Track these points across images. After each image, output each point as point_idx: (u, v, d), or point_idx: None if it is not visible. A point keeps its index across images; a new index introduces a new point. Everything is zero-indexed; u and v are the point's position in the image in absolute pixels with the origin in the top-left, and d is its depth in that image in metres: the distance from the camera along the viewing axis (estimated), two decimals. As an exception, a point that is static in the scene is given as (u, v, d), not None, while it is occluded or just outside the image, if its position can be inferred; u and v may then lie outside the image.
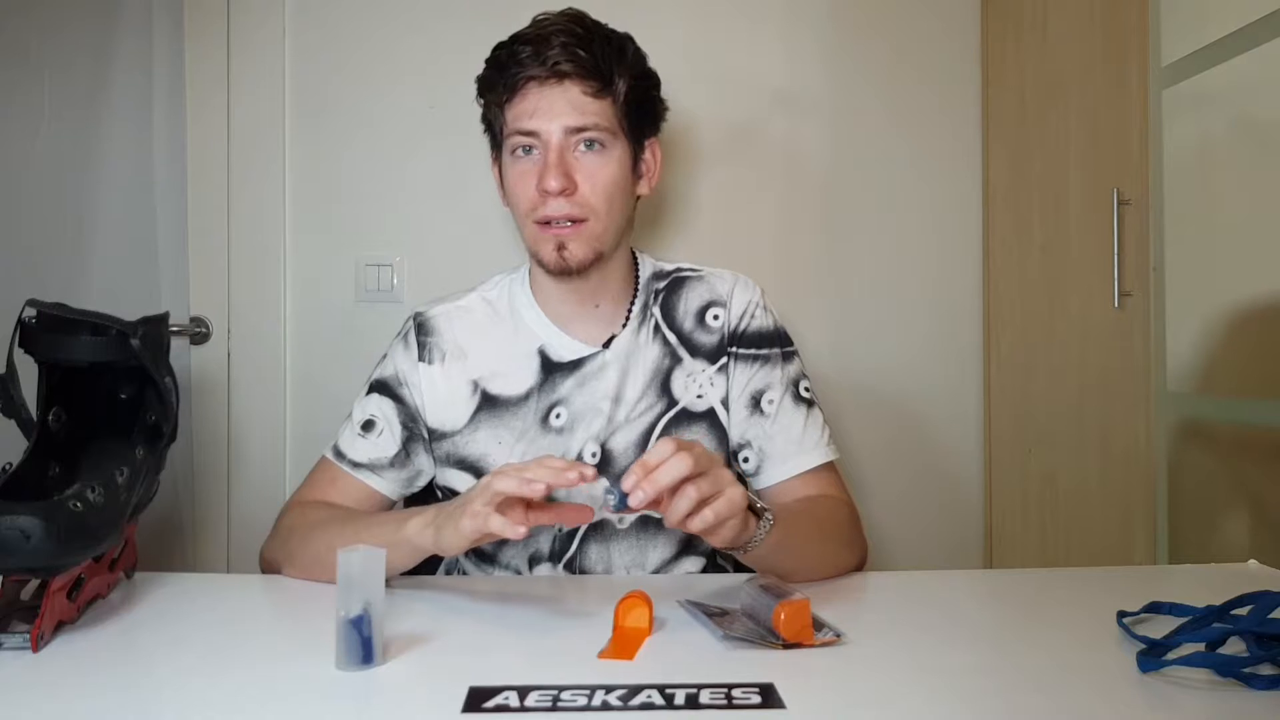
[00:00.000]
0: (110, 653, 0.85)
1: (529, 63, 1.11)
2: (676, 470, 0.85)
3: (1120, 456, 1.55)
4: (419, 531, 0.97)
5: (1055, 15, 1.72)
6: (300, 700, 0.74)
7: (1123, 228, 1.51)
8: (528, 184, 1.14)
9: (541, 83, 1.12)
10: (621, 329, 1.22)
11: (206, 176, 1.87)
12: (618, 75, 1.15)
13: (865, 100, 1.93)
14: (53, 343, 0.92)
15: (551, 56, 1.11)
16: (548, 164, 1.12)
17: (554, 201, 1.12)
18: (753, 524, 0.94)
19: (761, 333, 1.23)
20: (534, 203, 1.13)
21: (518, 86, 1.13)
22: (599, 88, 1.13)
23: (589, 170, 1.13)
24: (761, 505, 0.96)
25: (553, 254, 1.14)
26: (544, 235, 1.14)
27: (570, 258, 1.14)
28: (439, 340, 1.22)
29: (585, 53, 1.12)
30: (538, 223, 1.14)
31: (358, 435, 1.20)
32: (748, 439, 1.20)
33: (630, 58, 1.17)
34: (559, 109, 1.12)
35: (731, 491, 0.89)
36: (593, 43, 1.13)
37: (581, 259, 1.14)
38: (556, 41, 1.11)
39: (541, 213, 1.13)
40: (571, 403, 1.19)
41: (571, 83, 1.12)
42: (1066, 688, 0.76)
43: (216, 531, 1.88)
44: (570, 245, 1.14)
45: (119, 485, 0.91)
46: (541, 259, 1.16)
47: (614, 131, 1.15)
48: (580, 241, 1.14)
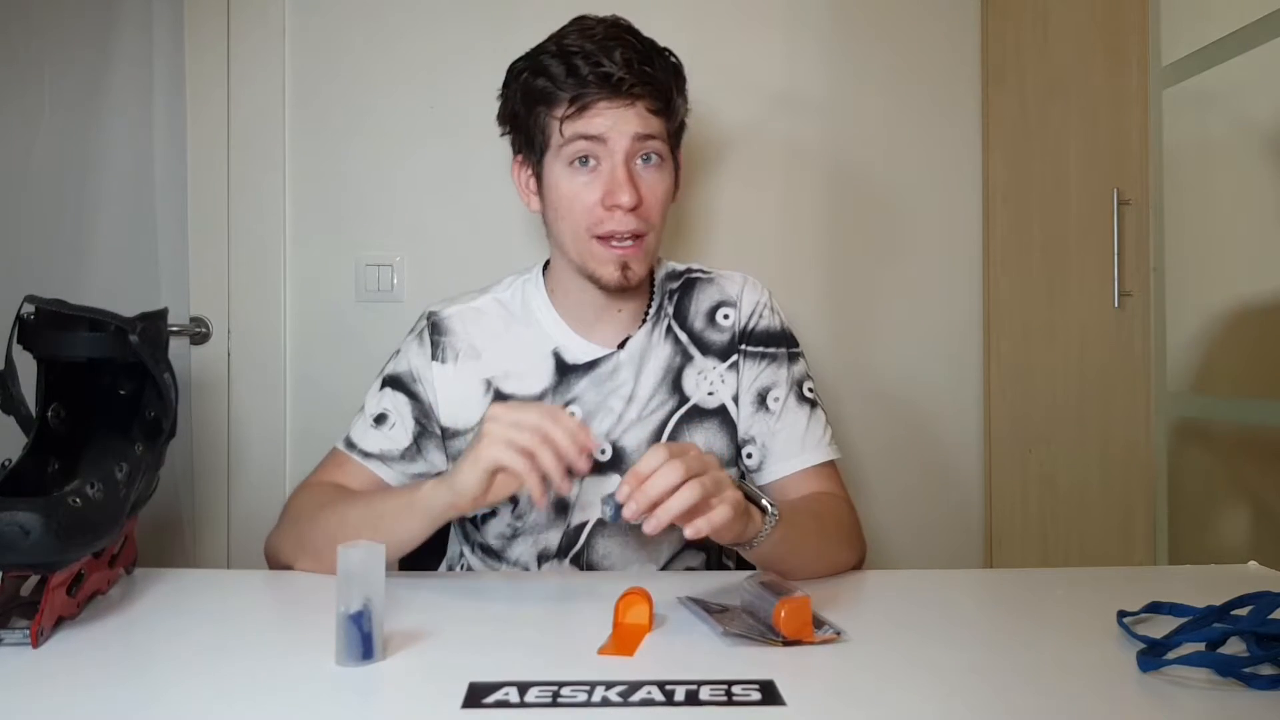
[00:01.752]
0: (110, 648, 0.85)
1: (598, 82, 1.08)
2: (667, 481, 0.85)
3: (1120, 456, 1.55)
4: (433, 490, 0.98)
5: (1055, 15, 1.72)
6: (300, 696, 0.74)
7: (1123, 228, 1.51)
8: (589, 197, 1.11)
9: (612, 100, 1.09)
10: (637, 330, 1.22)
11: (206, 176, 1.87)
12: (677, 95, 1.15)
13: (865, 100, 1.93)
14: (52, 339, 0.92)
15: (625, 78, 1.08)
16: (618, 179, 1.10)
17: (622, 216, 1.10)
18: (758, 519, 0.94)
19: (770, 332, 1.24)
20: (597, 218, 1.11)
21: (589, 105, 1.09)
22: (662, 106, 1.13)
23: (650, 184, 1.13)
24: (766, 501, 0.96)
25: (615, 273, 1.13)
26: (607, 253, 1.12)
27: (633, 276, 1.14)
28: (453, 340, 1.22)
29: (651, 70, 1.11)
30: (598, 238, 1.12)
31: (370, 427, 1.20)
32: (752, 435, 1.21)
33: (683, 79, 1.18)
34: (629, 123, 1.10)
35: (730, 494, 0.89)
36: (654, 59, 1.12)
37: (641, 276, 1.15)
38: (620, 57, 1.09)
39: (606, 228, 1.11)
40: (585, 401, 1.19)
41: (642, 103, 1.11)
42: (1066, 688, 0.76)
43: (216, 528, 1.89)
44: (633, 264, 1.13)
45: (118, 481, 0.91)
46: (599, 276, 1.14)
47: (667, 145, 1.15)
48: (641, 260, 1.14)
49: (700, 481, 0.87)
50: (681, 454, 0.88)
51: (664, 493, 0.85)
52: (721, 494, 0.89)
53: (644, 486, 0.85)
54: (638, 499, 0.85)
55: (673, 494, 0.86)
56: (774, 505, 0.96)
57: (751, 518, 0.93)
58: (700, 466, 0.88)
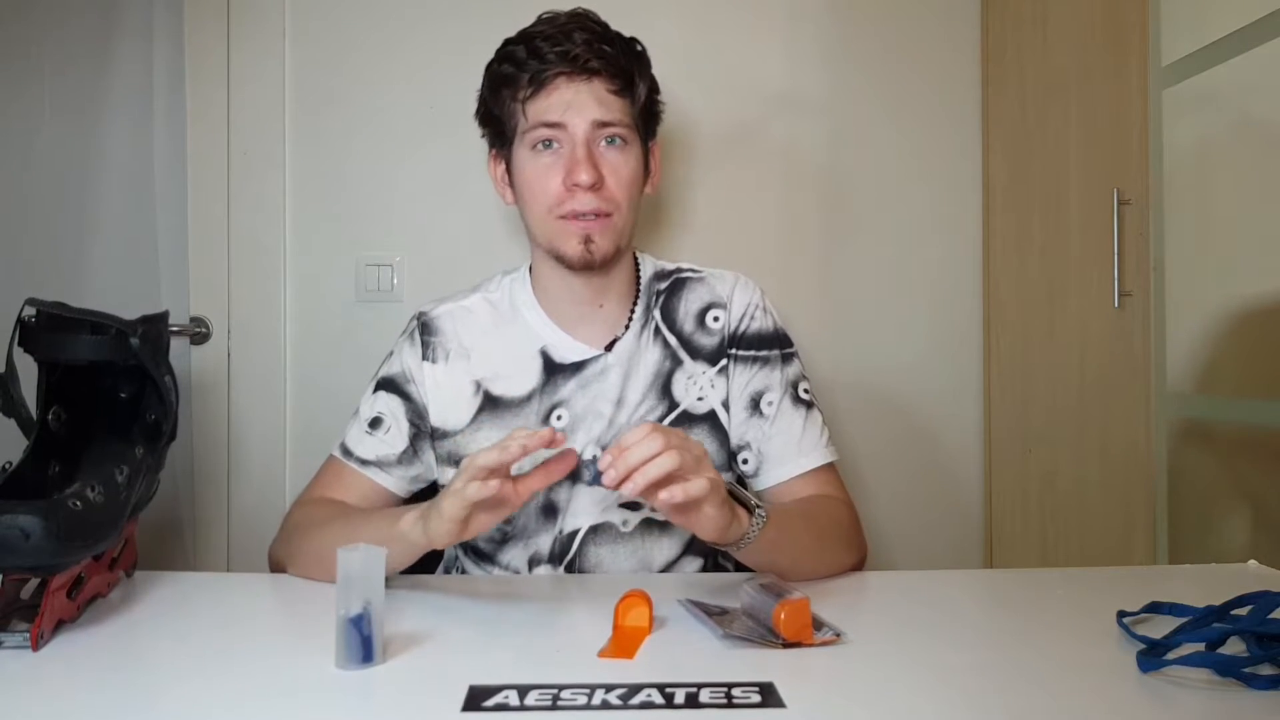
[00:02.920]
0: (110, 652, 0.85)
1: (556, 59, 1.11)
2: (648, 449, 0.86)
3: (1120, 456, 1.55)
4: (411, 526, 0.96)
5: (1055, 15, 1.72)
6: (300, 699, 0.74)
7: (1123, 228, 1.51)
8: (551, 179, 1.13)
9: (570, 78, 1.12)
10: (624, 331, 1.22)
11: (206, 176, 1.87)
12: (638, 78, 1.16)
13: (865, 100, 1.93)
14: (52, 342, 0.92)
15: (580, 53, 1.11)
16: (577, 158, 1.12)
17: (583, 196, 1.12)
18: (745, 520, 0.94)
19: (761, 334, 1.23)
20: (559, 198, 1.13)
21: (545, 82, 1.12)
22: (622, 86, 1.14)
23: (613, 165, 1.14)
24: (755, 503, 0.96)
25: (578, 247, 1.14)
26: (569, 228, 1.14)
27: (596, 250, 1.14)
28: (443, 340, 1.22)
29: (610, 49, 1.13)
30: (562, 217, 1.14)
31: (365, 432, 1.20)
32: (747, 440, 1.20)
33: (646, 63, 1.19)
34: (587, 104, 1.12)
35: (712, 475, 0.89)
36: (613, 41, 1.15)
37: (606, 252, 1.15)
38: (579, 38, 1.12)
39: (568, 207, 1.13)
40: (573, 405, 1.19)
41: (599, 80, 1.13)
42: (1066, 688, 0.76)
43: (217, 530, 1.88)
44: (596, 239, 1.14)
45: (119, 484, 0.91)
46: (564, 253, 1.15)
47: (633, 129, 1.16)
48: (606, 235, 1.14)
49: (679, 452, 0.87)
50: (666, 432, 0.88)
51: (643, 459, 0.86)
52: (700, 471, 0.89)
53: (624, 454, 0.86)
54: (617, 465, 0.86)
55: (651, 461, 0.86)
56: (762, 506, 0.96)
57: (737, 515, 0.93)
58: (681, 444, 0.89)
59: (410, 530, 0.97)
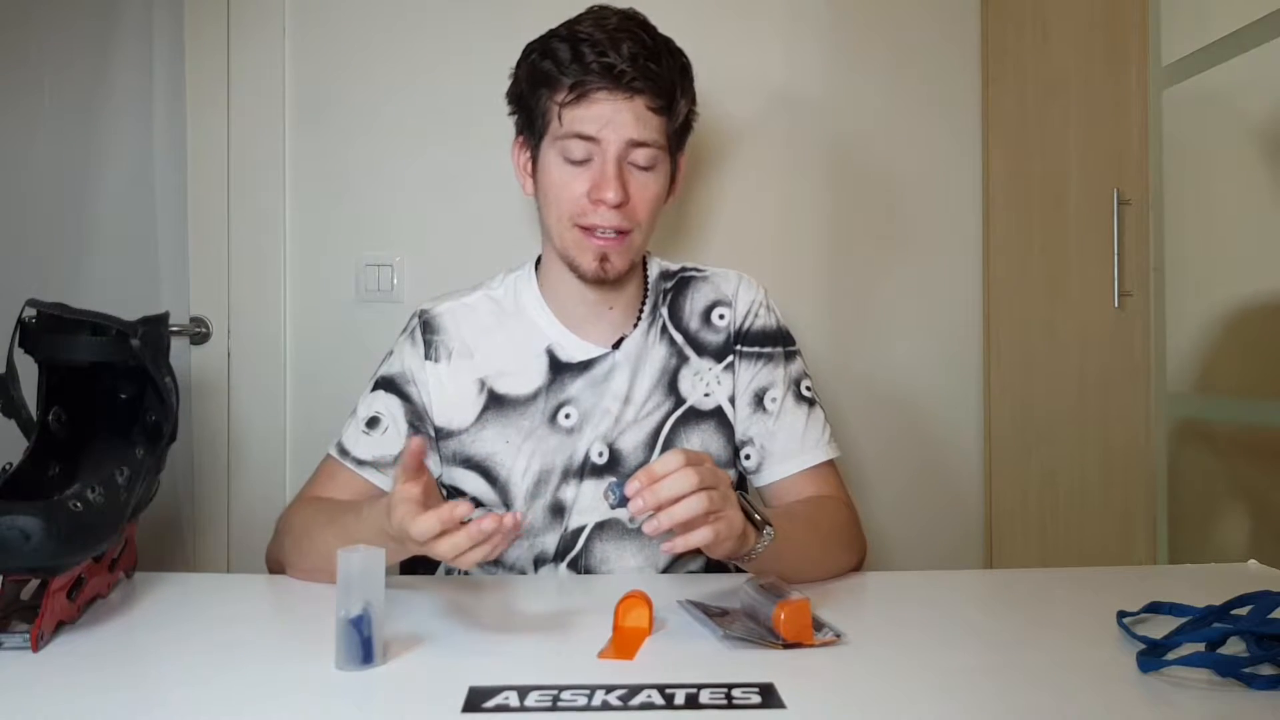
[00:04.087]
0: (110, 653, 0.85)
1: (600, 71, 1.09)
2: (681, 486, 0.84)
3: (1120, 456, 1.55)
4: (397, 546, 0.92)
5: (1055, 15, 1.72)
6: (300, 700, 0.74)
7: (1123, 228, 1.51)
8: (575, 187, 1.12)
9: (612, 93, 1.09)
10: (632, 330, 1.22)
11: (206, 176, 1.87)
12: (680, 95, 1.15)
13: (865, 100, 1.93)
14: (53, 343, 0.92)
15: (625, 69, 1.08)
16: (606, 175, 1.10)
17: (606, 212, 1.11)
18: (751, 537, 0.93)
19: (765, 331, 1.23)
20: (582, 208, 1.12)
21: (587, 93, 1.10)
22: (663, 105, 1.12)
23: (640, 184, 1.13)
24: (761, 518, 0.94)
25: (593, 264, 1.14)
26: (586, 243, 1.13)
27: (610, 269, 1.14)
28: (445, 338, 1.22)
29: (656, 67, 1.10)
30: (581, 227, 1.13)
31: (362, 432, 1.20)
32: (750, 436, 1.21)
33: (690, 77, 1.17)
34: (625, 121, 1.10)
35: (731, 514, 0.88)
36: (661, 57, 1.12)
37: (620, 269, 1.15)
38: (627, 50, 1.09)
39: (589, 220, 1.12)
40: (580, 403, 1.19)
41: (641, 98, 1.10)
42: (1066, 688, 0.76)
43: (216, 531, 1.88)
44: (613, 258, 1.13)
45: (119, 485, 0.91)
46: (578, 265, 1.15)
47: (663, 148, 1.15)
48: (622, 254, 1.14)
49: (709, 495, 0.85)
50: (697, 463, 0.87)
51: (673, 497, 0.84)
52: (724, 511, 0.88)
53: (655, 486, 0.84)
54: (646, 497, 0.84)
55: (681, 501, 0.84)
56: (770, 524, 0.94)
57: (746, 537, 0.92)
58: (713, 480, 0.87)
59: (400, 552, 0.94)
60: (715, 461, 0.95)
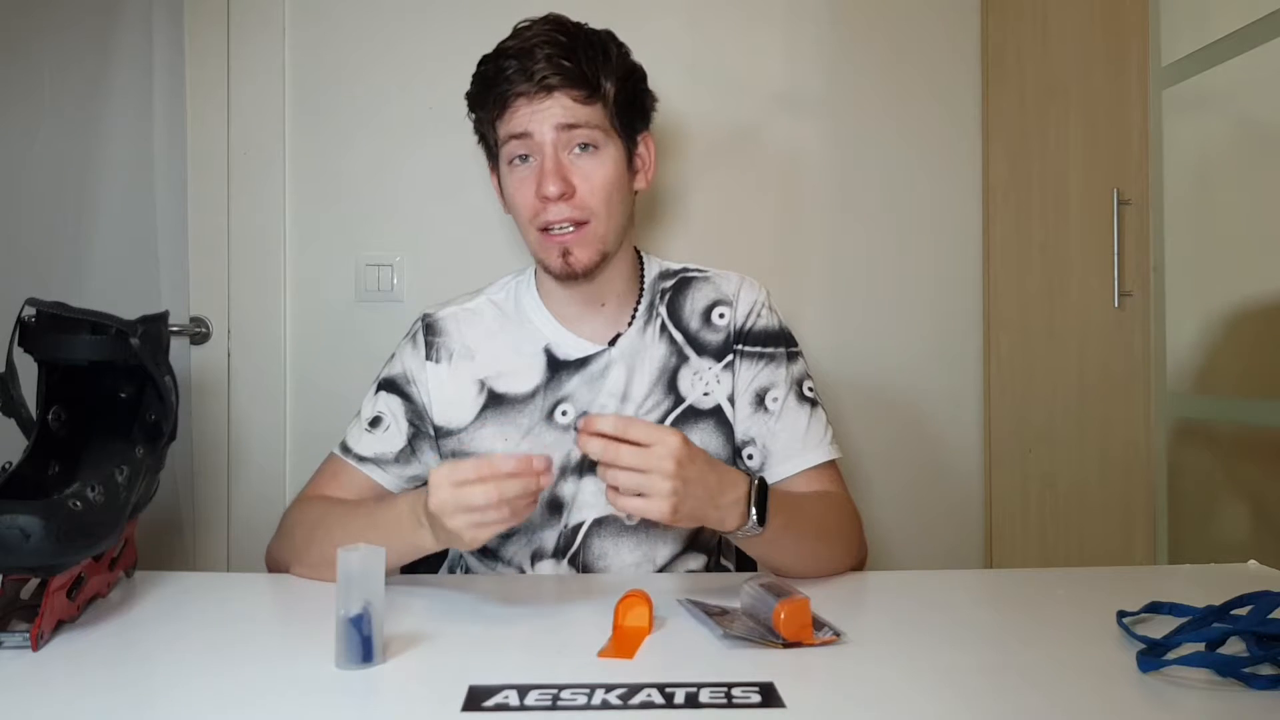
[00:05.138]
0: (110, 651, 0.85)
1: (516, 78, 1.12)
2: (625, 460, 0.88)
3: (1120, 456, 1.55)
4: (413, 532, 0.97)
5: (1055, 15, 1.72)
6: (300, 699, 0.74)
7: (1123, 228, 1.52)
8: (527, 191, 1.14)
9: (530, 98, 1.12)
10: (627, 327, 1.22)
11: (206, 176, 1.87)
12: (604, 78, 1.15)
13: (865, 100, 1.93)
14: (52, 342, 0.92)
15: (538, 71, 1.11)
16: (544, 170, 1.12)
17: (554, 206, 1.12)
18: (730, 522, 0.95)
19: (767, 332, 1.23)
20: (535, 209, 1.14)
21: (507, 103, 1.13)
22: (587, 94, 1.13)
23: (585, 172, 1.14)
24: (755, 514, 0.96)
25: (558, 260, 1.15)
26: (548, 243, 1.15)
27: (575, 263, 1.14)
28: (447, 340, 1.23)
29: (570, 62, 1.12)
30: (540, 229, 1.15)
31: (365, 431, 1.21)
32: (751, 436, 1.21)
33: (614, 59, 1.17)
34: (553, 113, 1.12)
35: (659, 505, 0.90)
36: (576, 50, 1.13)
37: (587, 263, 1.15)
38: (541, 54, 1.11)
39: (543, 219, 1.14)
40: (578, 399, 1.19)
41: (560, 93, 1.12)
42: (1066, 688, 0.76)
43: (216, 531, 1.88)
44: (575, 251, 1.14)
45: (119, 484, 0.91)
46: (548, 266, 1.17)
47: (606, 131, 1.15)
48: (583, 245, 1.14)
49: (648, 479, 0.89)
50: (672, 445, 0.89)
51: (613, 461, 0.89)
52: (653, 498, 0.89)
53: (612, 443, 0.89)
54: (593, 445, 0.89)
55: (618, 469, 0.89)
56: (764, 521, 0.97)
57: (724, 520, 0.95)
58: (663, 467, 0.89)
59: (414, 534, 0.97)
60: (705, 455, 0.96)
